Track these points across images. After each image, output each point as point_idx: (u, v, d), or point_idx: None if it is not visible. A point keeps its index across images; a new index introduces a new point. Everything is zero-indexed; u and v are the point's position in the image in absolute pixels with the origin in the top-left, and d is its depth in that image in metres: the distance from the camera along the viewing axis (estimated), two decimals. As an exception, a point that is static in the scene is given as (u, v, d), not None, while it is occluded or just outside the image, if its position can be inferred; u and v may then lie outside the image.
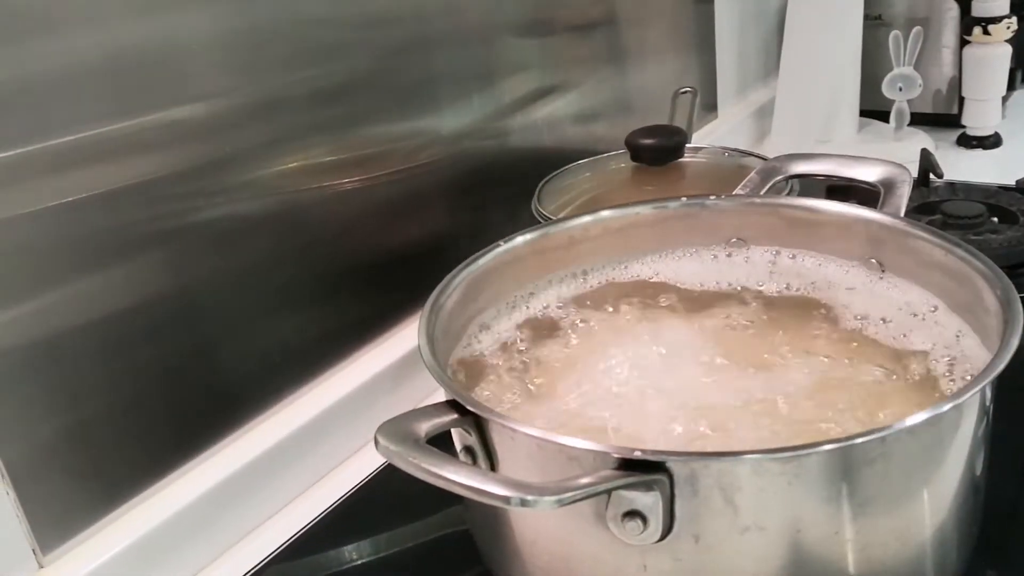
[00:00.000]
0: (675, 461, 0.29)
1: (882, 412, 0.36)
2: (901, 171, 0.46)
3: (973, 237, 0.64)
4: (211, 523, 0.45)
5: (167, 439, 0.44)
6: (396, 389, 0.54)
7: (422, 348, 0.36)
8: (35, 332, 0.38)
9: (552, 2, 0.68)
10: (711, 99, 0.93)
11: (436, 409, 0.33)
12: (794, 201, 0.49)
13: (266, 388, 0.49)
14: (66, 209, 0.39)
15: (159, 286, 0.43)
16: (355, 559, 0.45)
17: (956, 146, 0.92)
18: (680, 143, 0.63)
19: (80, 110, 0.39)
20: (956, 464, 0.32)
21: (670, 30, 0.85)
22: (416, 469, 0.29)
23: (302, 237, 0.50)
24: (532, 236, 0.45)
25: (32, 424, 0.39)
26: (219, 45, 0.45)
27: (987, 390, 0.32)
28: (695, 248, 0.47)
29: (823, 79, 0.90)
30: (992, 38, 0.87)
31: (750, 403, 0.37)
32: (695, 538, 0.30)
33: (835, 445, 0.29)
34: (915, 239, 0.42)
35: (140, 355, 0.43)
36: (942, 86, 0.94)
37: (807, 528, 0.30)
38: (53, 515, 0.40)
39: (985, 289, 0.37)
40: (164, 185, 0.43)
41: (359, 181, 0.53)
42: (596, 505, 0.30)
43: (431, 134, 0.58)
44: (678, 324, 0.43)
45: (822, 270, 0.45)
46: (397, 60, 0.54)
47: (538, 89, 0.67)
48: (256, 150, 0.47)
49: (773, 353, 0.40)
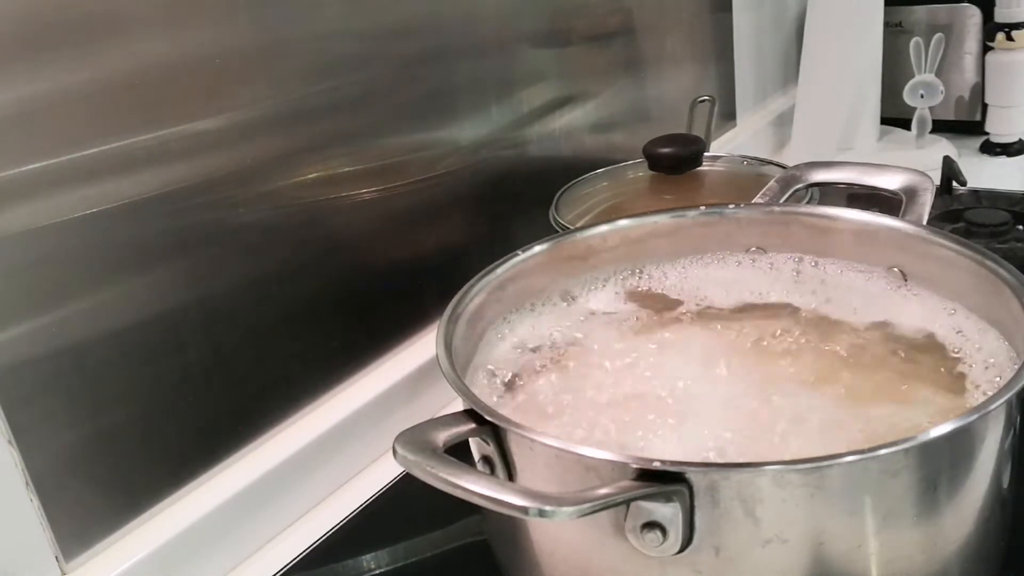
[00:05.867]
0: (695, 472, 0.29)
1: (906, 420, 0.35)
2: (923, 179, 0.46)
3: (998, 245, 0.63)
4: (231, 532, 0.45)
5: (188, 448, 0.45)
6: (414, 399, 0.54)
7: (440, 357, 0.36)
8: (59, 341, 0.39)
9: (569, 12, 0.68)
10: (730, 108, 0.93)
11: (454, 419, 0.33)
12: (814, 210, 0.48)
13: (286, 397, 0.50)
14: (90, 220, 0.39)
15: (181, 296, 0.44)
16: (373, 568, 0.45)
17: (979, 153, 0.91)
18: (698, 152, 0.63)
19: (104, 123, 0.40)
20: (982, 476, 0.32)
21: (688, 39, 0.85)
22: (434, 479, 0.29)
23: (322, 247, 0.51)
24: (550, 245, 0.45)
25: (56, 432, 0.39)
26: (240, 58, 0.45)
27: (1014, 401, 0.32)
28: (719, 256, 0.47)
29: (843, 87, 0.90)
30: (1016, 44, 0.86)
31: (777, 415, 0.36)
32: (715, 550, 0.29)
33: (857, 456, 0.29)
34: (938, 247, 0.41)
35: (162, 365, 0.43)
36: (965, 93, 0.93)
37: (830, 541, 0.30)
38: (76, 522, 0.40)
39: (1011, 298, 0.37)
40: (186, 196, 0.43)
41: (377, 191, 0.54)
42: (615, 516, 0.29)
43: (450, 144, 0.58)
44: (701, 333, 0.43)
45: (843, 278, 0.45)
46: (415, 71, 0.55)
47: (556, 99, 0.67)
48: (277, 161, 0.48)
49: (799, 360, 0.40)
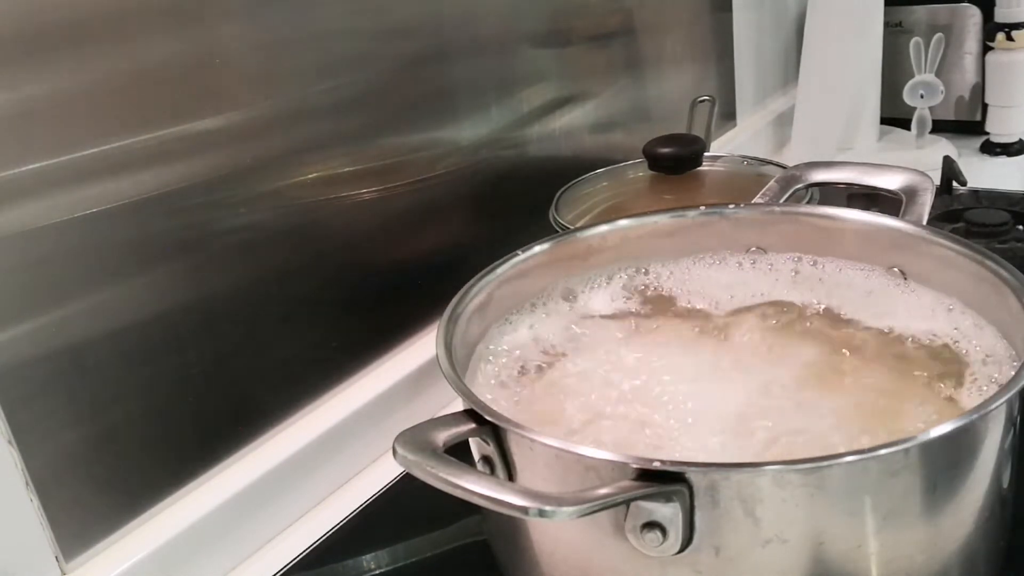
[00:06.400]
0: (695, 472, 0.29)
1: (905, 423, 0.35)
2: (923, 179, 0.46)
3: (998, 245, 0.63)
4: (231, 532, 0.45)
5: (188, 448, 0.45)
6: (414, 399, 0.54)
7: (440, 358, 0.36)
8: (59, 342, 0.39)
9: (569, 12, 0.68)
10: (730, 108, 0.93)
11: (454, 419, 0.33)
12: (814, 209, 0.48)
13: (286, 397, 0.50)
14: (90, 220, 0.39)
15: (181, 296, 0.43)
16: (373, 568, 0.45)
17: (979, 153, 0.91)
18: (698, 152, 0.63)
19: (104, 123, 0.40)
20: (982, 476, 0.32)
21: (688, 39, 0.85)
22: (434, 479, 0.29)
23: (322, 247, 0.51)
24: (549, 245, 0.45)
25: (56, 432, 0.39)
26: (240, 58, 0.45)
27: (1014, 401, 0.32)
28: (720, 256, 0.47)
29: (843, 87, 0.90)
30: (1016, 44, 0.86)
31: (777, 415, 0.36)
32: (715, 550, 0.29)
33: (857, 457, 0.29)
34: (938, 247, 0.41)
35: (162, 365, 0.43)
36: (965, 93, 0.93)
37: (830, 541, 0.30)
38: (76, 522, 0.40)
39: (1011, 298, 0.37)
40: (186, 196, 0.43)
41: (378, 191, 0.54)
42: (615, 516, 0.29)
43: (449, 145, 0.58)
44: (701, 333, 0.43)
45: (843, 277, 0.45)
46: (416, 71, 0.55)
47: (556, 99, 0.67)
48: (277, 161, 0.47)
49: (797, 359, 0.40)
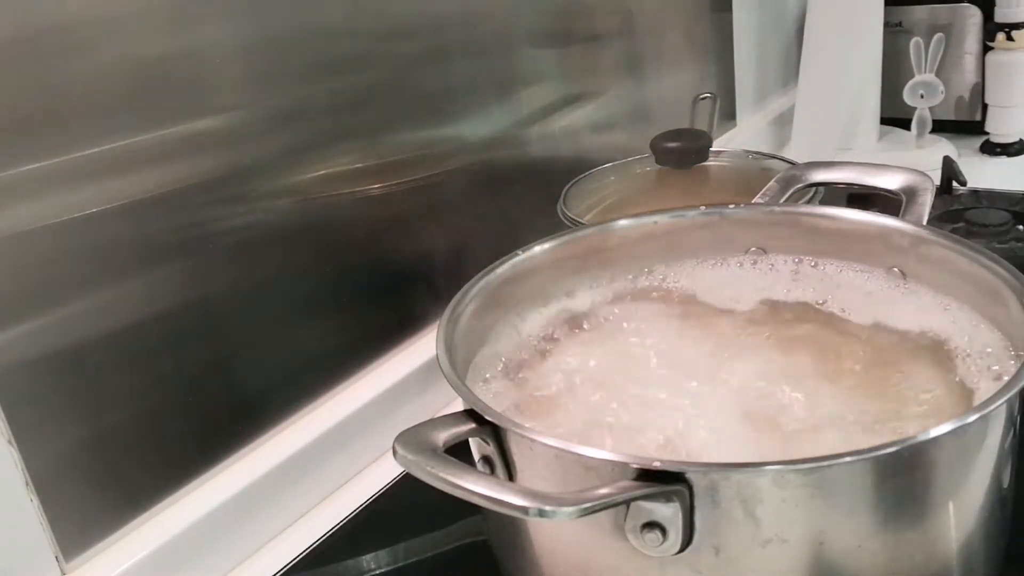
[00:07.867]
0: (695, 471, 0.29)
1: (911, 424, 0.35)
2: (923, 179, 0.46)
3: (998, 245, 0.63)
4: (231, 532, 0.45)
5: (188, 448, 0.45)
6: (414, 399, 0.54)
7: (440, 357, 0.36)
8: (59, 342, 0.39)
9: (571, 12, 0.68)
10: (730, 107, 0.93)
11: (454, 419, 0.33)
12: (814, 210, 0.48)
13: (286, 397, 0.50)
14: (89, 220, 0.39)
15: (181, 296, 0.43)
16: (373, 568, 0.45)
17: (979, 153, 0.91)
18: (705, 145, 0.63)
19: (103, 123, 0.40)
20: (982, 476, 0.32)
21: (688, 39, 0.85)
22: (434, 479, 0.29)
23: (322, 247, 0.51)
24: (550, 245, 0.45)
25: (56, 433, 0.39)
26: (240, 57, 0.45)
27: (1014, 401, 0.32)
28: (720, 255, 0.47)
29: (843, 87, 0.90)
30: (1016, 44, 0.86)
31: (777, 414, 0.36)
32: (715, 550, 0.29)
33: (857, 456, 0.29)
34: (938, 247, 0.41)
35: (162, 365, 0.43)
36: (965, 93, 0.92)
37: (830, 541, 0.30)
38: (76, 522, 0.40)
39: (1011, 298, 0.37)
40: (186, 196, 0.43)
41: (379, 191, 0.54)
42: (615, 516, 0.29)
43: (450, 144, 0.58)
44: (701, 333, 0.43)
45: (843, 277, 0.45)
46: (416, 70, 0.55)
47: (557, 99, 0.67)
48: (277, 160, 0.47)
49: (800, 359, 0.40)
